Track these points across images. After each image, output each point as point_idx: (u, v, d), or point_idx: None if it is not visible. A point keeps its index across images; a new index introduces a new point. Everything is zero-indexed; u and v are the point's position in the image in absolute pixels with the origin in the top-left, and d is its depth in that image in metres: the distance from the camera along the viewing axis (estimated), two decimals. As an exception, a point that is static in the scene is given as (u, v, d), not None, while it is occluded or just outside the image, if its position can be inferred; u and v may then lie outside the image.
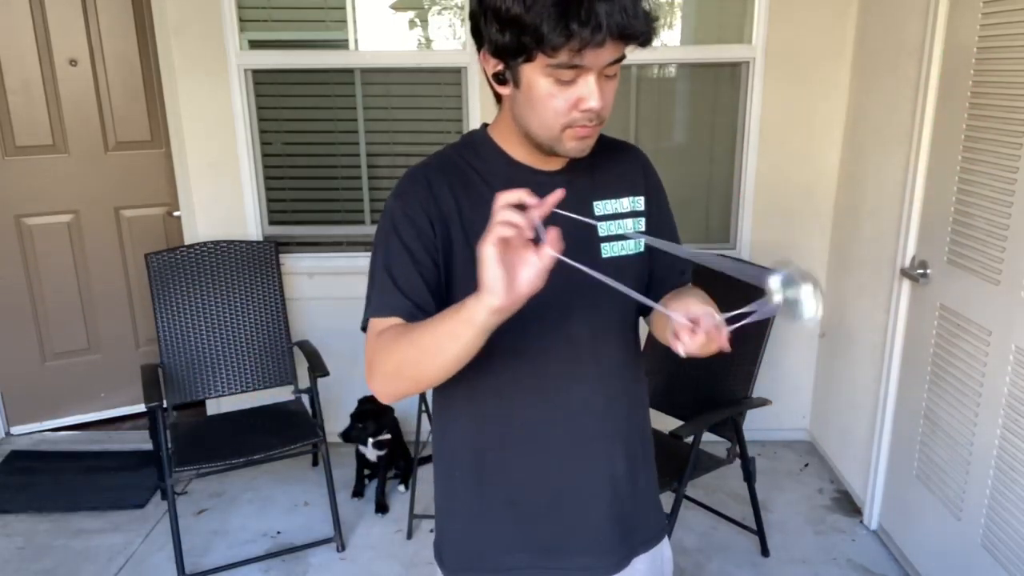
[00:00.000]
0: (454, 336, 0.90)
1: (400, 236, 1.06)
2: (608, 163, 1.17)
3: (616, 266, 1.12)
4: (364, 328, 1.10)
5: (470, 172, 1.11)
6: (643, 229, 1.16)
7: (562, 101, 0.97)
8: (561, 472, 1.16)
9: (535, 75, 0.96)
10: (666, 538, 1.32)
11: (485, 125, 1.15)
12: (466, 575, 1.23)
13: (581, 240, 1.10)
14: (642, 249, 1.16)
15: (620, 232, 1.14)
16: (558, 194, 0.86)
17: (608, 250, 1.13)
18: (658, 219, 1.20)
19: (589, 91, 0.96)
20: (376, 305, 1.08)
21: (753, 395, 2.42)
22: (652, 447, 1.29)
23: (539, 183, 1.09)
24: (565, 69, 0.94)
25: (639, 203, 1.17)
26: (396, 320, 1.04)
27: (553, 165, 1.11)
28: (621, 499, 1.20)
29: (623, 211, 1.15)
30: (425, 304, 1.04)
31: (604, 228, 1.13)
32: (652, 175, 1.21)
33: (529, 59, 0.95)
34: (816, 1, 2.81)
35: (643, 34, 0.94)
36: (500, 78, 1.01)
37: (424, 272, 1.06)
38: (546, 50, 0.92)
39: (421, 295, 1.05)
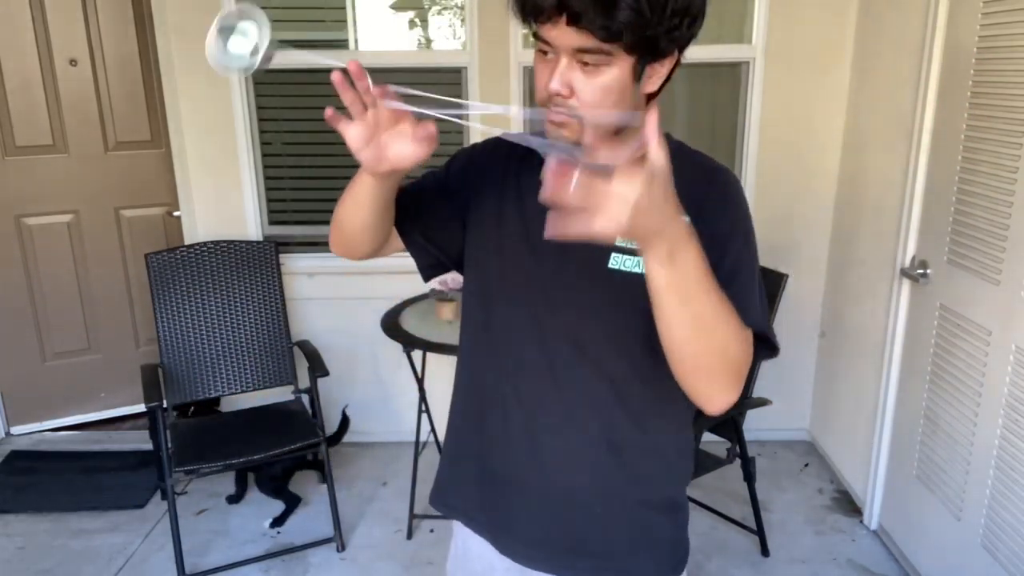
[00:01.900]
0: (352, 183, 1.01)
1: (448, 165, 1.18)
2: (674, 176, 1.04)
3: (622, 281, 1.03)
4: None
5: (530, 155, 1.12)
6: None
7: (541, 76, 0.96)
8: (522, 456, 1.15)
9: (534, 47, 0.98)
10: None
11: None
12: (441, 509, 1.29)
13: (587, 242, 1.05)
14: None
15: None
16: (353, 67, 0.89)
17: (617, 261, 1.03)
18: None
19: (553, 70, 0.93)
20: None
21: (753, 395, 2.42)
22: (673, 487, 1.20)
23: None
24: (539, 41, 0.94)
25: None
26: None
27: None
28: (578, 514, 1.15)
29: None
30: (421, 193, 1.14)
31: (623, 239, 1.04)
32: (718, 197, 1.02)
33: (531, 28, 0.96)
34: (816, 1, 2.81)
35: (594, 23, 0.86)
36: None
37: (442, 188, 1.15)
38: (520, 17, 0.94)
39: (425, 189, 1.15)
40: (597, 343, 1.09)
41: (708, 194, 1.01)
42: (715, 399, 0.96)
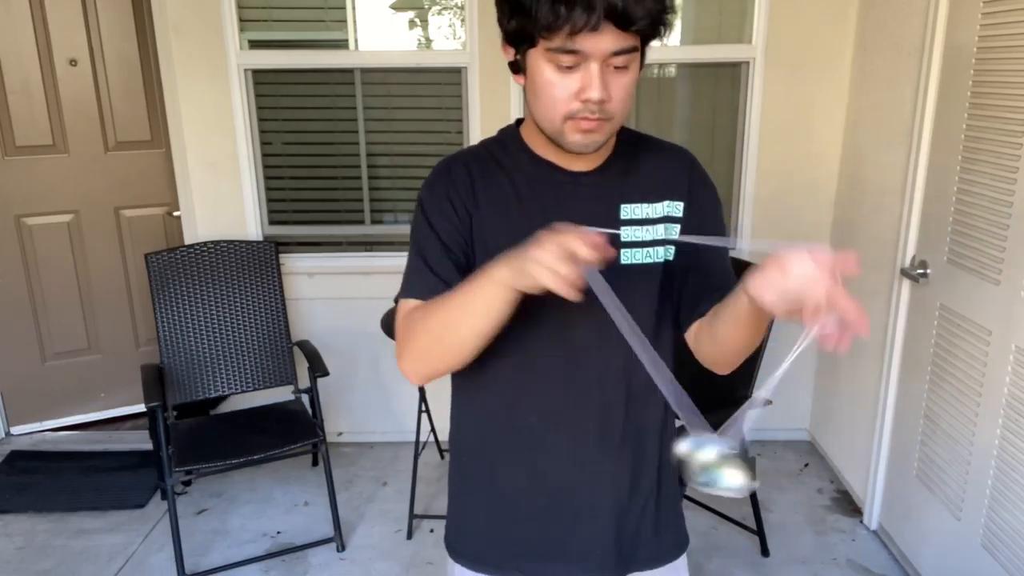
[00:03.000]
0: (475, 294, 0.92)
1: (431, 224, 1.08)
2: (649, 166, 1.11)
3: (632, 273, 1.07)
4: (399, 295, 1.13)
5: (493, 165, 1.11)
6: (675, 236, 1.09)
7: (562, 89, 0.94)
8: (558, 478, 1.15)
9: (538, 61, 0.95)
10: (681, 559, 1.26)
11: (520, 120, 1.13)
12: (464, 561, 1.25)
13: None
14: (670, 258, 1.10)
15: (649, 238, 1.08)
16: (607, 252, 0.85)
17: (627, 256, 1.07)
18: (697, 228, 1.10)
19: (589, 80, 0.92)
20: (408, 285, 1.09)
21: (753, 395, 2.42)
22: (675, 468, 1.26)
23: (559, 182, 1.08)
24: (564, 54, 0.92)
25: (677, 208, 1.09)
26: (418, 302, 1.07)
27: (579, 165, 1.07)
28: (622, 513, 1.18)
29: (655, 216, 1.08)
30: (454, 283, 1.04)
31: (627, 234, 1.07)
32: (698, 180, 1.13)
33: (532, 44, 0.94)
34: (816, 1, 2.82)
35: (641, 19, 0.89)
36: (515, 67, 1.01)
37: (453, 258, 1.07)
38: (542, 33, 0.91)
39: (451, 276, 1.05)
40: (620, 340, 1.09)
41: (691, 176, 1.13)
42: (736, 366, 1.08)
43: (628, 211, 1.08)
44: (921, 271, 2.29)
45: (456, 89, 3.01)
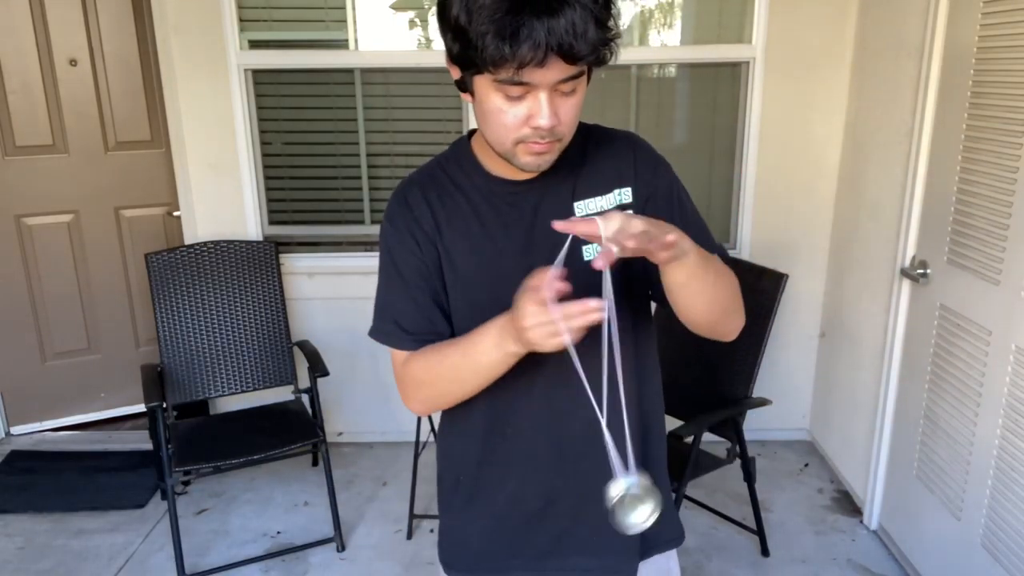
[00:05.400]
0: (485, 358, 0.99)
1: (394, 261, 1.12)
2: (596, 159, 1.11)
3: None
4: (371, 335, 1.18)
5: (450, 186, 1.11)
6: None
7: (512, 117, 0.94)
8: (554, 476, 1.15)
9: (486, 88, 0.94)
10: (675, 551, 1.26)
11: (472, 132, 1.13)
12: (463, 575, 1.24)
13: (560, 244, 1.06)
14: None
15: None
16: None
17: (590, 252, 1.07)
18: (648, 203, 1.11)
19: (538, 109, 0.92)
20: (384, 332, 1.15)
21: (753, 395, 2.42)
22: (663, 453, 1.25)
23: (513, 193, 1.09)
24: (511, 85, 0.91)
25: (626, 194, 1.10)
26: (410, 352, 1.12)
27: (528, 174, 1.07)
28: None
29: (608, 208, 1.09)
30: (427, 334, 1.11)
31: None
32: (645, 160, 1.13)
33: (479, 72, 0.93)
34: (816, 1, 2.82)
35: (588, 54, 0.89)
36: (461, 86, 1.00)
37: (419, 296, 1.11)
38: (488, 67, 0.90)
39: (420, 324, 1.11)
40: (595, 332, 1.09)
41: (636, 158, 1.12)
42: (737, 326, 1.11)
43: (582, 207, 1.08)
44: (921, 271, 2.29)
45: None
